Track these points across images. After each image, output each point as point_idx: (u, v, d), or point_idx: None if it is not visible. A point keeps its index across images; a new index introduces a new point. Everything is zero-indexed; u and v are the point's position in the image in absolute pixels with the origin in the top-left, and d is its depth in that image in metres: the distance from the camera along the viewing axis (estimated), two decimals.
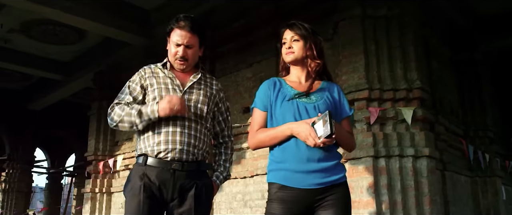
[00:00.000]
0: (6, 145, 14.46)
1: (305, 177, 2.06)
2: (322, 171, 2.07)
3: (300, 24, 2.31)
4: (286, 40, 2.27)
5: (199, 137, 2.37)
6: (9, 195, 14.44)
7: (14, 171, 14.48)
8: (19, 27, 9.32)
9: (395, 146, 5.14)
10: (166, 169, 2.27)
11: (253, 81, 7.09)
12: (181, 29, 2.36)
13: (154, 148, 2.30)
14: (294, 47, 2.25)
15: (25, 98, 13.14)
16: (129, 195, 2.28)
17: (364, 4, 5.60)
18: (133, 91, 2.42)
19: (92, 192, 9.66)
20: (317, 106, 2.15)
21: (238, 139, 7.08)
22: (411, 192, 5.02)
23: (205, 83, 2.48)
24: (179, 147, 2.29)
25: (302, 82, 2.26)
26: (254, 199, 6.73)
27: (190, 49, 2.39)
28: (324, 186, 2.06)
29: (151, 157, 2.31)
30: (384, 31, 5.55)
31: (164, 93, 2.35)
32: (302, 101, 2.17)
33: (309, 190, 2.05)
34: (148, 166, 2.29)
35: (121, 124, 2.34)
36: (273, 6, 6.83)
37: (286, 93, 2.20)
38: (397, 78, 5.43)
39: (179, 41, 2.36)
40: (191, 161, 2.32)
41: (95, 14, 8.25)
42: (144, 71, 2.45)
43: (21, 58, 10.76)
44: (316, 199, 2.06)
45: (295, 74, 2.30)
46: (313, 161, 2.07)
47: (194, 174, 2.32)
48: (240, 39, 7.32)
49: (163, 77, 2.42)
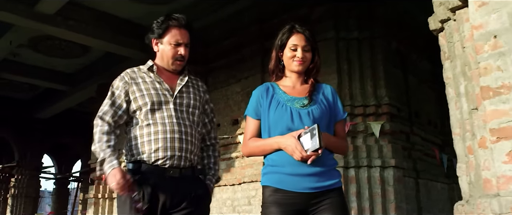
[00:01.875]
0: (15, 152, 15.02)
1: (299, 180, 1.99)
2: (316, 175, 2.00)
3: (310, 31, 2.20)
4: (297, 47, 2.13)
5: (193, 142, 2.26)
6: (18, 200, 15.04)
7: (23, 176, 15.07)
8: (27, 42, 9.92)
9: (364, 157, 5.65)
10: (162, 176, 2.16)
11: (241, 95, 7.61)
12: (180, 28, 2.27)
13: (151, 155, 2.18)
14: (306, 57, 2.15)
15: (32, 107, 13.75)
16: (124, 205, 2.15)
17: (338, 27, 6.11)
18: (117, 100, 2.26)
19: (95, 198, 10.22)
20: (310, 112, 2.07)
21: (228, 149, 7.61)
22: (378, 199, 5.52)
23: (192, 85, 2.38)
24: (177, 154, 2.19)
25: (296, 87, 2.17)
26: (242, 205, 7.25)
27: (187, 48, 2.31)
28: (318, 191, 1.99)
29: (146, 164, 2.18)
30: (356, 52, 6.07)
31: (156, 99, 2.22)
32: (296, 107, 2.08)
33: (303, 193, 1.99)
34: (144, 174, 2.16)
35: (93, 148, 2.21)
36: (258, 27, 7.36)
37: (279, 99, 2.12)
38: (367, 95, 5.94)
39: (179, 40, 2.27)
40: (187, 167, 2.23)
41: (97, 31, 8.84)
42: (127, 76, 2.30)
43: (29, 71, 11.36)
44: (311, 203, 1.99)
45: (290, 79, 2.20)
46: (308, 165, 1.98)
47: (191, 180, 2.24)
48: (230, 56, 7.87)
49: (151, 82, 2.27)
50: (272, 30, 7.13)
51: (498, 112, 2.00)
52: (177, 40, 2.26)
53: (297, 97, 2.14)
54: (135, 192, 2.08)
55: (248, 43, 7.52)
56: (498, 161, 1.96)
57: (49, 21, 8.20)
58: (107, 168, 2.10)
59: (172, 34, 2.26)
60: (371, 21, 6.18)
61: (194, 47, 7.59)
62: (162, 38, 2.28)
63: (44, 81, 11.94)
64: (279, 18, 7.16)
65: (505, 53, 2.03)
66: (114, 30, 8.99)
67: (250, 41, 7.48)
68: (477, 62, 2.11)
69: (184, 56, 2.29)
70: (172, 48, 2.27)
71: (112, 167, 2.09)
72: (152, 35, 2.32)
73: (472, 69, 2.16)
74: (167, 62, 2.30)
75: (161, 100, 2.25)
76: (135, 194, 2.08)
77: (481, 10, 2.13)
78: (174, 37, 2.26)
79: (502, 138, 1.97)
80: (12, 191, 15.22)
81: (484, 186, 2.05)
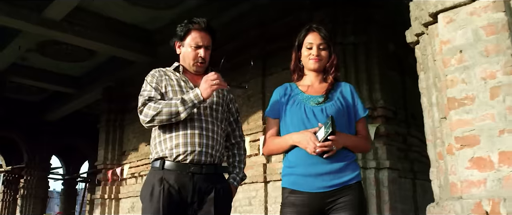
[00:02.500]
0: (24, 153, 15.35)
1: (313, 181, 2.01)
2: (331, 173, 2.01)
3: (326, 30, 2.25)
4: (312, 45, 2.19)
5: (216, 139, 2.28)
6: (27, 200, 15.36)
7: (32, 177, 15.40)
8: (35, 47, 10.21)
9: (360, 159, 5.81)
10: (184, 172, 2.19)
11: (242, 99, 7.81)
12: (201, 31, 2.34)
13: (172, 151, 2.21)
14: (322, 55, 2.20)
15: (41, 110, 14.06)
16: (147, 200, 2.20)
17: (335, 32, 6.28)
18: (157, 88, 2.30)
19: (101, 198, 10.48)
20: (324, 109, 2.08)
21: None
22: (373, 200, 5.68)
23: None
24: (198, 149, 2.21)
25: (315, 85, 2.20)
26: (243, 205, 7.45)
27: (208, 51, 2.38)
28: (334, 189, 2.00)
29: (169, 161, 2.22)
30: (352, 56, 6.23)
31: (180, 96, 2.25)
32: (310, 105, 2.11)
33: (318, 193, 2.00)
34: (166, 170, 2.20)
35: (158, 117, 2.20)
36: (259, 31, 7.55)
37: (296, 98, 2.17)
38: (363, 99, 6.10)
39: (199, 43, 2.33)
40: (209, 163, 2.24)
41: (102, 36, 9.09)
42: (157, 73, 2.36)
43: (37, 74, 11.68)
44: (327, 202, 2.00)
45: (309, 78, 2.23)
46: (322, 163, 2.01)
47: (213, 177, 2.25)
48: (232, 59, 8.05)
49: (177, 80, 2.34)
50: (272, 34, 7.40)
51: (462, 121, 2.17)
52: (197, 42, 2.32)
53: (313, 95, 2.16)
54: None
55: (250, 47, 7.71)
56: (461, 166, 2.14)
57: (56, 27, 8.48)
58: (192, 91, 2.20)
59: (193, 37, 2.32)
60: (367, 26, 6.34)
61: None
62: (183, 41, 2.35)
63: (52, 84, 12.26)
64: (278, 22, 7.35)
65: (469, 67, 2.20)
66: (119, 34, 9.24)
67: (251, 44, 7.67)
68: (445, 74, 2.28)
69: (204, 58, 2.35)
70: (192, 50, 2.33)
71: (193, 90, 2.20)
72: (175, 38, 2.39)
73: (441, 81, 2.33)
74: (188, 64, 2.37)
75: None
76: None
77: (449, 27, 2.31)
78: (194, 40, 2.32)
79: (465, 146, 2.14)
80: (21, 191, 15.55)
81: (451, 189, 2.23)
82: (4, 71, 10.98)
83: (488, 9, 2.18)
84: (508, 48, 2.10)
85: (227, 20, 8.09)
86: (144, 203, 2.20)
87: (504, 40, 2.12)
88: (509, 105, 2.05)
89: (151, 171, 2.27)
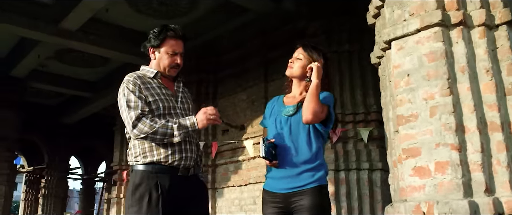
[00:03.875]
0: (44, 155, 15.99)
1: (277, 183, 2.31)
2: (289, 177, 2.27)
3: (312, 46, 2.46)
4: (293, 57, 2.45)
5: (197, 143, 2.46)
6: (48, 200, 16.02)
7: (52, 178, 16.05)
8: (54, 55, 10.77)
9: (354, 160, 6.18)
10: (176, 176, 2.31)
11: (246, 103, 8.23)
12: (177, 39, 2.43)
13: (168, 157, 2.31)
14: (294, 65, 2.42)
15: (60, 113, 14.68)
16: (142, 204, 2.25)
17: (330, 41, 6.65)
18: (141, 97, 2.34)
19: (117, 197, 11.01)
20: (289, 119, 2.35)
21: (235, 152, 8.24)
22: (366, 199, 6.04)
23: (183, 90, 2.55)
24: (189, 155, 2.36)
25: (296, 96, 2.42)
26: (248, 204, 7.87)
27: (182, 57, 2.48)
28: (292, 191, 2.25)
29: (162, 166, 2.31)
30: (347, 64, 6.59)
31: (166, 104, 2.37)
32: (281, 116, 2.39)
33: (281, 194, 2.28)
34: (160, 174, 2.29)
35: (152, 136, 2.27)
36: (261, 40, 7.96)
37: (275, 109, 2.46)
38: (357, 104, 6.47)
39: (176, 50, 2.43)
40: (193, 166, 2.40)
41: (115, 44, 9.59)
42: (138, 80, 2.39)
43: (56, 80, 12.25)
44: (289, 202, 2.25)
45: (294, 89, 2.47)
46: (283, 168, 2.30)
47: (195, 179, 2.42)
48: (236, 66, 8.48)
49: (158, 87, 2.41)
50: (273, 43, 7.80)
51: (408, 135, 2.55)
52: (174, 50, 2.41)
53: (287, 106, 2.41)
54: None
55: (252, 54, 8.12)
56: (406, 174, 2.52)
57: (72, 37, 9.00)
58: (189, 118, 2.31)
59: (170, 44, 2.41)
60: (361, 34, 6.67)
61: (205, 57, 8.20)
62: (159, 47, 2.43)
63: (70, 89, 12.84)
64: (279, 31, 7.74)
65: (414, 89, 2.57)
66: (131, 42, 9.67)
67: (254, 52, 8.08)
68: (396, 95, 2.66)
69: (179, 64, 2.45)
70: (169, 57, 2.41)
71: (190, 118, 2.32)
72: (149, 44, 2.47)
73: (394, 99, 2.71)
74: (163, 69, 2.44)
75: (170, 105, 2.40)
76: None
77: (399, 53, 2.68)
78: (171, 47, 2.41)
79: (409, 156, 2.52)
80: (42, 191, 16.21)
81: (400, 193, 2.60)
82: (25, 77, 11.58)
83: (430, 39, 2.56)
84: (444, 74, 2.47)
85: (232, 29, 8.52)
86: (139, 207, 2.24)
87: (442, 66, 2.49)
88: (444, 123, 2.42)
89: (142, 175, 2.28)
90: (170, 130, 2.26)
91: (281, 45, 7.29)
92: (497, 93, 2.44)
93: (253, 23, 8.23)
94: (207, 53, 9.04)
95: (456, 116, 2.40)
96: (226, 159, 8.37)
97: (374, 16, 3.12)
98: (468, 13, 2.57)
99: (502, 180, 2.32)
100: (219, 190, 8.47)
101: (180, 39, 2.45)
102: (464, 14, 2.54)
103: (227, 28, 8.61)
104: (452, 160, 2.34)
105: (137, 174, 2.31)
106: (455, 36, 2.54)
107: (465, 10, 2.58)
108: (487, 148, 2.38)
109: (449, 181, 2.33)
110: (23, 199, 17.52)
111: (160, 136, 2.26)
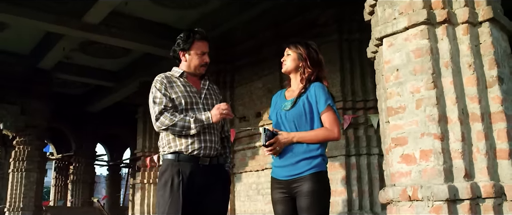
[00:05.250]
0: (72, 142, 16.61)
1: (280, 170, 2.59)
2: (289, 165, 2.54)
3: (293, 41, 2.77)
4: (284, 56, 2.77)
5: (218, 135, 2.74)
6: (77, 185, 16.72)
7: (80, 164, 16.70)
8: (78, 47, 11.21)
9: (364, 146, 6.40)
10: (197, 164, 2.60)
11: (262, 91, 8.49)
12: (204, 40, 2.78)
13: (188, 147, 2.60)
14: (286, 61, 2.75)
15: (85, 102, 15.24)
16: (166, 188, 2.56)
17: (342, 30, 6.82)
18: (166, 95, 2.66)
19: (141, 183, 11.49)
20: (287, 113, 2.61)
21: (252, 138, 8.54)
22: (377, 183, 6.27)
23: (211, 88, 2.87)
24: (209, 145, 2.64)
25: (295, 91, 2.67)
26: (265, 188, 8.18)
27: (208, 56, 2.81)
28: (292, 178, 2.51)
29: (184, 154, 2.60)
30: (358, 52, 6.75)
31: (188, 100, 2.67)
32: (280, 110, 2.64)
33: (284, 180, 2.55)
34: (182, 162, 2.59)
35: (172, 128, 2.58)
36: (275, 30, 8.17)
37: (277, 104, 2.72)
38: (367, 91, 6.65)
39: (204, 50, 2.77)
40: (214, 156, 2.68)
41: (135, 36, 9.93)
42: (165, 80, 2.71)
43: (80, 71, 12.74)
44: (291, 187, 2.51)
45: (293, 83, 2.73)
46: (283, 158, 2.56)
47: (217, 167, 2.70)
48: (252, 55, 8.73)
49: (184, 86, 2.71)
50: (287, 32, 8.01)
51: (397, 125, 2.78)
52: (202, 50, 2.76)
53: (286, 100, 2.66)
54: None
55: (267, 44, 8.34)
56: (395, 161, 2.75)
57: (95, 30, 9.38)
58: (205, 113, 2.63)
59: (198, 46, 2.75)
60: None
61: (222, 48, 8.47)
62: (190, 50, 2.75)
63: (94, 79, 13.33)
64: (292, 21, 7.93)
65: (403, 83, 2.79)
66: (151, 33, 10.03)
67: (268, 42, 8.30)
68: (386, 88, 2.89)
69: (207, 63, 2.80)
70: (199, 57, 2.75)
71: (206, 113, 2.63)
72: (179, 48, 2.78)
73: (386, 92, 2.94)
74: (194, 69, 2.77)
75: (192, 101, 2.69)
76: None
77: (390, 49, 2.90)
78: (200, 48, 2.76)
79: (398, 145, 2.75)
80: (71, 177, 16.91)
81: (391, 178, 2.85)
82: (52, 69, 12.10)
83: (417, 36, 2.76)
84: (429, 69, 2.68)
85: (247, 20, 8.74)
86: (164, 191, 2.57)
87: (427, 62, 2.70)
88: (428, 114, 2.64)
89: (167, 163, 2.62)
90: (187, 123, 2.57)
91: (294, 35, 7.49)
92: (479, 86, 2.64)
93: (266, 14, 8.43)
94: (224, 43, 9.29)
95: (439, 108, 2.62)
96: (243, 145, 8.67)
97: (369, 14, 3.33)
98: (453, 11, 2.76)
99: (481, 166, 2.54)
100: (238, 175, 8.80)
101: (206, 41, 2.78)
102: (449, 12, 2.73)
103: (241, 20, 8.83)
104: (435, 148, 2.57)
105: (164, 162, 2.66)
106: (440, 33, 2.74)
107: (450, 8, 2.77)
108: (468, 137, 2.60)
109: (432, 168, 2.56)
110: (53, 185, 18.35)
111: (179, 128, 2.57)
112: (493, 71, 2.65)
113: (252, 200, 8.37)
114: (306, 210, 2.45)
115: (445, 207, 2.42)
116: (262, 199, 8.16)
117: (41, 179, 12.82)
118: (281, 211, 2.59)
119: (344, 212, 6.23)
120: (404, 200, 2.60)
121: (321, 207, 2.48)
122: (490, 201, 2.44)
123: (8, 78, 11.84)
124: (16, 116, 12.20)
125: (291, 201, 2.53)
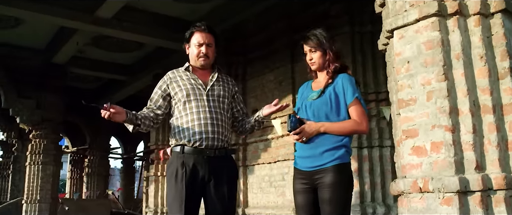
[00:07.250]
0: (86, 136, 16.86)
1: (303, 161, 2.62)
2: (312, 156, 2.57)
3: (313, 35, 2.76)
4: (306, 52, 2.76)
5: (224, 126, 2.76)
6: (92, 178, 17.00)
7: (94, 157, 16.96)
8: (91, 42, 11.34)
9: (377, 138, 6.39)
10: (201, 156, 2.65)
11: (274, 84, 8.51)
12: (201, 31, 2.80)
13: (190, 139, 2.66)
14: (314, 58, 2.75)
15: (98, 96, 15.40)
16: (172, 180, 2.66)
17: (353, 22, 6.79)
18: (154, 96, 2.84)
19: (155, 175, 11.62)
20: (312, 103, 2.65)
21: (264, 131, 8.57)
22: (389, 175, 6.27)
23: (222, 80, 2.90)
24: (210, 136, 2.67)
25: (322, 82, 2.73)
26: (277, 180, 8.23)
27: (210, 48, 2.80)
28: (315, 169, 2.54)
29: (188, 147, 2.67)
30: (370, 44, 6.72)
31: (191, 91, 2.74)
32: (306, 101, 2.69)
33: (307, 171, 2.58)
34: (186, 154, 2.66)
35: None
36: (286, 22, 8.16)
37: (304, 94, 2.77)
38: (379, 83, 6.63)
39: (200, 41, 2.78)
40: (220, 147, 2.71)
41: (148, 30, 10.01)
42: (167, 76, 2.85)
43: (94, 65, 12.90)
44: (314, 179, 2.54)
45: (320, 75, 2.79)
46: (308, 148, 2.59)
47: (223, 158, 2.73)
48: (264, 48, 8.74)
49: (187, 79, 2.79)
50: (298, 25, 8.00)
51: (407, 118, 2.78)
52: (199, 41, 2.78)
53: (313, 91, 2.71)
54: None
55: (279, 36, 8.35)
56: (406, 153, 2.76)
57: (107, 24, 9.48)
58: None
59: (195, 37, 2.80)
60: None
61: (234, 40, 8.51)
62: (189, 42, 2.84)
63: (107, 73, 13.50)
64: (304, 13, 7.92)
65: (413, 75, 2.79)
66: (163, 27, 10.10)
67: (279, 35, 8.30)
68: (397, 80, 2.89)
69: (206, 54, 2.79)
70: (196, 48, 2.79)
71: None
72: (184, 42, 2.89)
73: (396, 84, 2.94)
74: (194, 60, 2.83)
75: (195, 92, 2.75)
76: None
77: (401, 41, 2.89)
78: (196, 39, 2.79)
79: (409, 137, 2.76)
80: (86, 170, 17.18)
81: (401, 170, 2.85)
82: (66, 64, 12.26)
83: (428, 28, 2.75)
84: (440, 61, 2.67)
85: (259, 12, 8.74)
86: (170, 182, 2.70)
87: (438, 54, 2.69)
88: (439, 106, 2.64)
89: (174, 155, 2.74)
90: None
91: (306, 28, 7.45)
92: (490, 78, 2.63)
93: (278, 6, 8.43)
94: (236, 36, 9.31)
95: (450, 100, 2.61)
96: (256, 137, 8.71)
97: (380, 6, 3.32)
98: (464, 2, 2.74)
99: (492, 158, 2.53)
100: (250, 167, 8.86)
101: (204, 31, 2.79)
102: (460, 4, 2.72)
103: (252, 12, 8.83)
104: (446, 140, 2.57)
105: (172, 155, 2.77)
106: (451, 25, 2.72)
107: (462, 0, 2.75)
108: (479, 129, 2.59)
109: (443, 159, 2.56)
110: (69, 178, 18.66)
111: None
112: (505, 62, 2.64)
113: (265, 192, 8.43)
114: (328, 202, 2.48)
115: (456, 198, 2.43)
116: (275, 191, 8.21)
117: (57, 172, 13.06)
118: (301, 202, 2.61)
119: (357, 204, 6.24)
120: (415, 191, 2.61)
121: (342, 199, 2.51)
122: (501, 193, 2.44)
123: (24, 73, 12.04)
124: (32, 110, 12.41)
125: (313, 192, 2.56)
